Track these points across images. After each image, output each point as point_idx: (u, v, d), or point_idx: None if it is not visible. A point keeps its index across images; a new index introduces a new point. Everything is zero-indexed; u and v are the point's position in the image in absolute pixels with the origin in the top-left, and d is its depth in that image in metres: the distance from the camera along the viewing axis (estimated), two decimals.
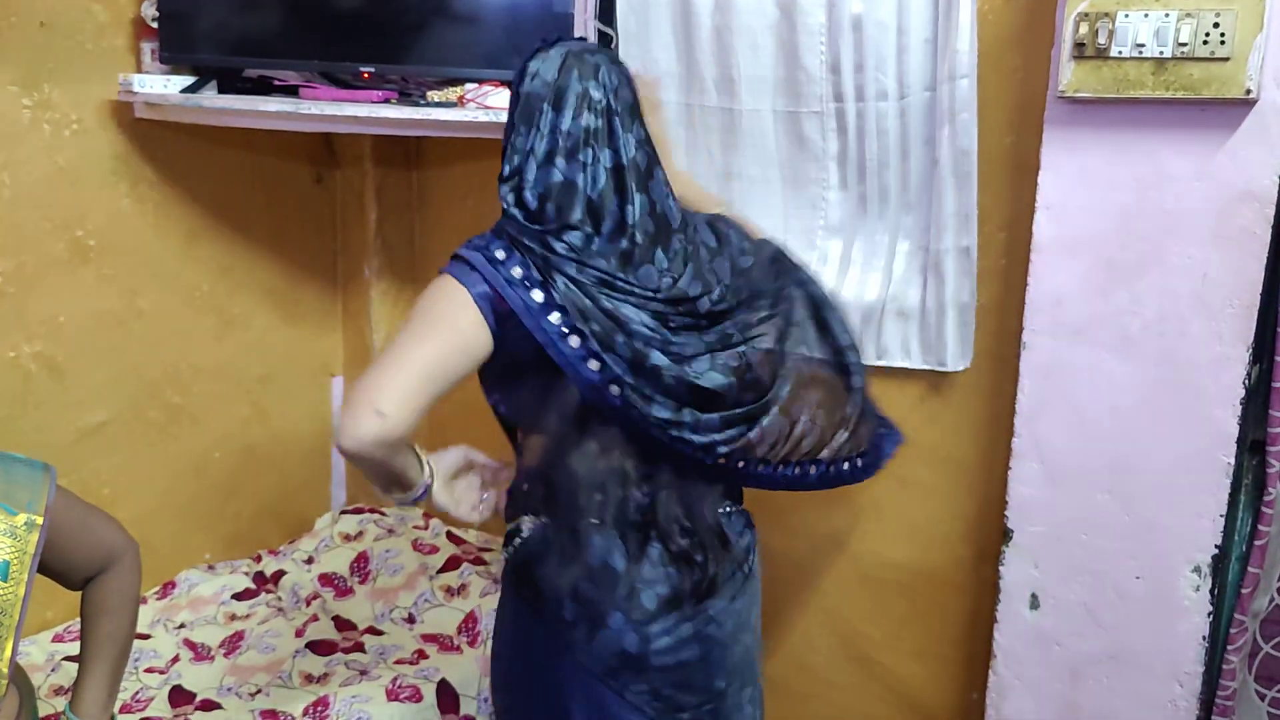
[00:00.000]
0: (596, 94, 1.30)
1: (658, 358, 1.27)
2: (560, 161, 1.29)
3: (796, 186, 1.99)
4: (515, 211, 1.31)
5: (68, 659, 1.97)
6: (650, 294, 1.29)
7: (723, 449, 1.33)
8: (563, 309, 1.26)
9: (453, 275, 1.28)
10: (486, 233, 1.33)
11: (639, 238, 1.30)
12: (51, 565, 1.31)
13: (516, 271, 1.27)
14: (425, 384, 1.22)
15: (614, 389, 1.27)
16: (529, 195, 1.30)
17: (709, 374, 1.31)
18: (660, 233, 1.32)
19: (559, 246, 1.27)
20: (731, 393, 1.33)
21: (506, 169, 1.33)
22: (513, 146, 1.33)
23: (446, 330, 1.26)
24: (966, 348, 1.86)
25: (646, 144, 1.35)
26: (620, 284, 1.28)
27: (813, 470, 1.44)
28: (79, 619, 1.39)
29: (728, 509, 1.45)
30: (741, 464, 1.38)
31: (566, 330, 1.26)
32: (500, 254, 1.28)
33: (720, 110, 2.02)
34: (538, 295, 1.26)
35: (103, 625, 1.37)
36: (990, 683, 1.82)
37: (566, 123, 1.29)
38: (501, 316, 1.27)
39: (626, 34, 2.11)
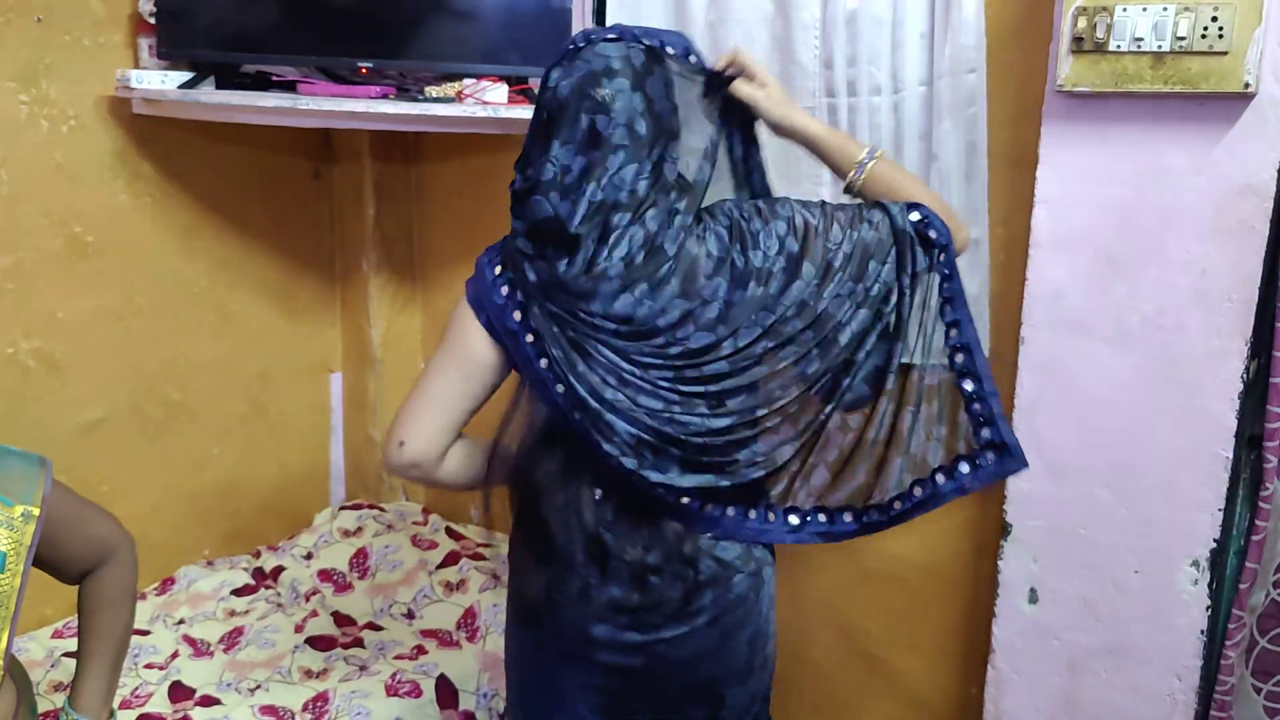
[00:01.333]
0: (603, 125, 1.22)
1: (613, 394, 1.25)
2: (554, 196, 1.24)
3: (789, 182, 1.98)
4: (516, 224, 1.30)
5: (67, 655, 1.97)
6: (614, 326, 1.25)
7: (686, 494, 1.30)
8: (536, 332, 1.28)
9: (467, 293, 1.34)
10: (499, 241, 1.35)
11: (614, 271, 1.23)
12: (48, 558, 1.31)
13: (504, 290, 1.30)
14: (443, 412, 1.34)
15: (576, 414, 1.27)
16: (521, 218, 1.29)
17: (672, 415, 1.26)
18: (649, 262, 1.24)
19: (531, 275, 1.27)
20: (702, 439, 1.27)
21: (516, 180, 1.30)
22: (523, 158, 1.30)
23: (459, 356, 1.33)
24: None
25: (661, 167, 1.25)
26: (582, 316, 1.25)
27: (793, 519, 1.33)
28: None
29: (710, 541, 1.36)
30: (712, 509, 1.32)
31: (537, 353, 1.28)
32: (491, 273, 1.31)
33: None
34: (517, 315, 1.29)
35: (100, 620, 1.38)
36: (989, 677, 1.83)
37: (565, 155, 1.24)
38: (497, 332, 1.31)
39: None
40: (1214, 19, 1.45)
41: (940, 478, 1.31)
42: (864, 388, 1.30)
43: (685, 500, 1.30)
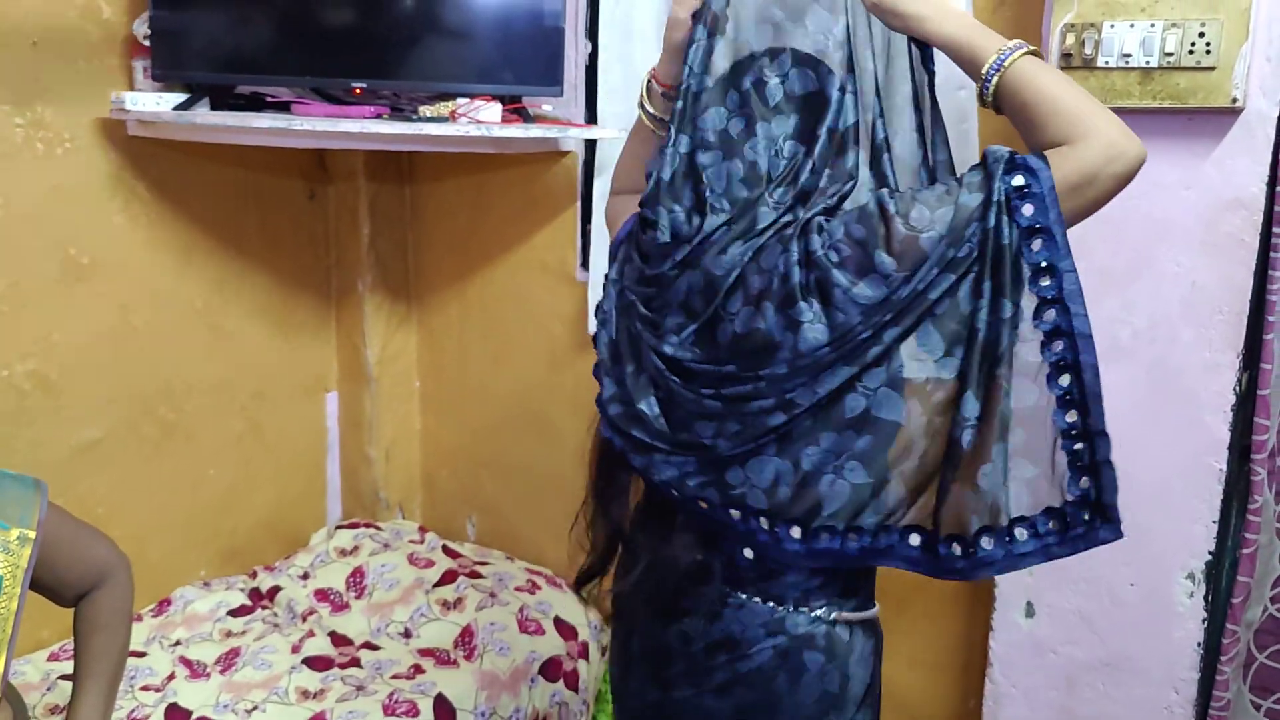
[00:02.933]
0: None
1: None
2: None
3: None
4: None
5: (63, 678, 1.96)
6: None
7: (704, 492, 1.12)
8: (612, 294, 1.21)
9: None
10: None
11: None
12: (44, 581, 1.31)
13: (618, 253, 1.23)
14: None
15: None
16: None
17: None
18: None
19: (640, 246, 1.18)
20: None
21: None
22: None
23: None
24: None
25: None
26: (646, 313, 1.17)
27: (852, 542, 1.11)
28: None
29: (740, 597, 1.19)
30: (735, 515, 1.12)
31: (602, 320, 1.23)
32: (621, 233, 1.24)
33: None
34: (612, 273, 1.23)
35: (96, 642, 1.37)
36: (987, 690, 1.82)
37: None
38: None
39: (609, 46, 2.12)
40: (1201, 35, 1.47)
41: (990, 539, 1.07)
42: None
43: (704, 505, 1.15)
